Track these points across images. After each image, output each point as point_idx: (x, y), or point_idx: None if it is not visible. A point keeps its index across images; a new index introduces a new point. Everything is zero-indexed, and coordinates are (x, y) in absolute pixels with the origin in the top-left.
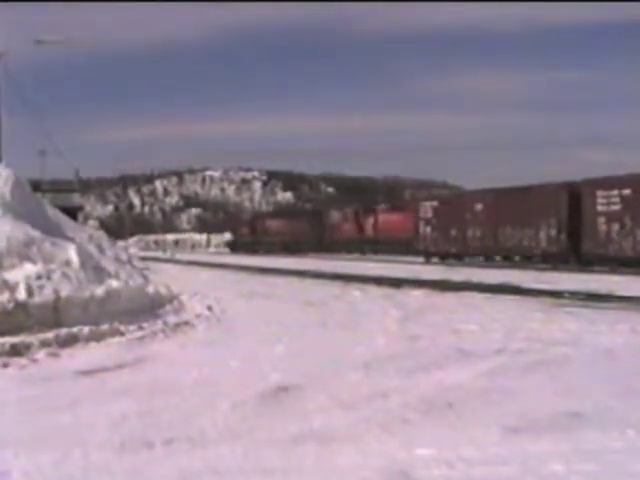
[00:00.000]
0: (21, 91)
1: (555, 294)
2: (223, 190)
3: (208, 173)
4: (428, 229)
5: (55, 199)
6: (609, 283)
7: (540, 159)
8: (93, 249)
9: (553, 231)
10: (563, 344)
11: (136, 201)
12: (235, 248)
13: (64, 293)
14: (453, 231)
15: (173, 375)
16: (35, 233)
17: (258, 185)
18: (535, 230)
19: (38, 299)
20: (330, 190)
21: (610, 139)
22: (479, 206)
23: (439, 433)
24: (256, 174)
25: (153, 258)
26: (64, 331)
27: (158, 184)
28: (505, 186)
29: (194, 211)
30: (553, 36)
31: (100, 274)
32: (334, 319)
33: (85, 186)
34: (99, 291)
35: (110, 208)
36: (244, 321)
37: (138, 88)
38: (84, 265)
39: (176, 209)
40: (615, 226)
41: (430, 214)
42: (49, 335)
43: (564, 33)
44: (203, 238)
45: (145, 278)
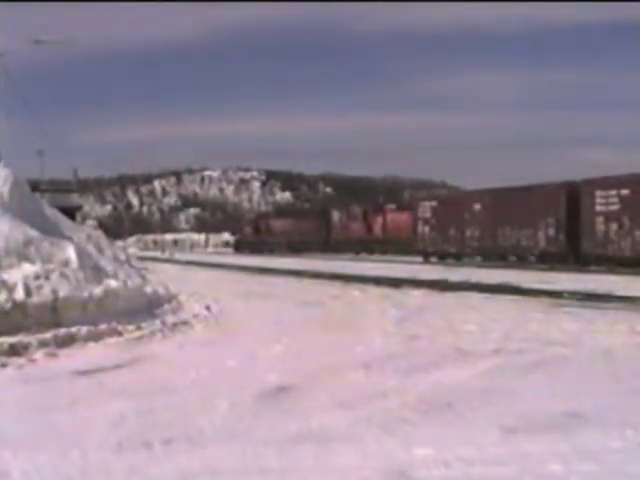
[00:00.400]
0: (20, 91)
1: (554, 294)
2: (222, 190)
3: (207, 173)
4: (427, 229)
5: (53, 199)
6: (608, 283)
7: (539, 159)
8: (92, 249)
9: (552, 231)
10: (562, 344)
11: (134, 201)
12: (239, 248)
13: (62, 293)
14: (452, 231)
15: (171, 375)
16: (33, 233)
17: (257, 185)
18: (534, 230)
19: (36, 299)
20: (329, 190)
21: (610, 139)
22: (478, 206)
23: (438, 433)
24: (255, 174)
25: (151, 258)
26: (62, 331)
27: (157, 184)
28: (504, 186)
29: (193, 211)
30: (553, 36)
31: (98, 274)
32: (333, 319)
33: (83, 186)
34: (97, 291)
35: (108, 208)
36: (242, 321)
37: (137, 88)
38: (82, 265)
39: (174, 209)
40: (614, 226)
41: (429, 214)
42: (47, 335)
43: (564, 33)
44: (202, 238)
45: (143, 278)
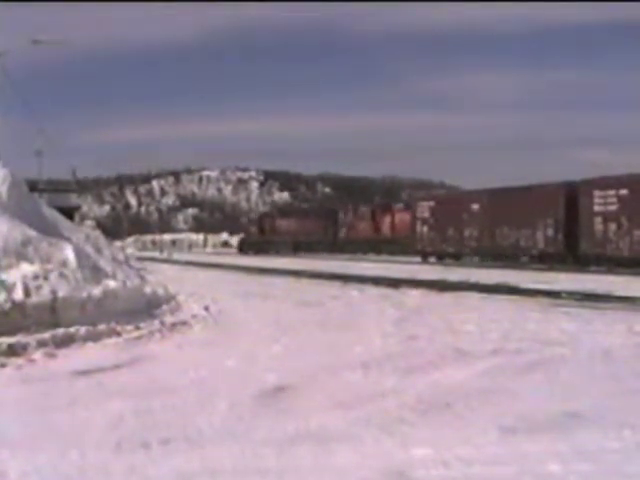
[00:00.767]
0: (19, 91)
1: (552, 294)
2: (220, 190)
3: (205, 173)
4: (425, 229)
5: (52, 199)
6: (606, 283)
7: (539, 159)
8: (90, 249)
9: (550, 231)
10: (560, 344)
11: (133, 201)
12: (243, 249)
13: (61, 293)
14: (450, 231)
15: (170, 375)
16: (32, 233)
17: (255, 185)
18: (532, 230)
19: (35, 299)
20: (327, 190)
21: (609, 139)
22: (476, 206)
23: (436, 433)
24: (253, 174)
25: (150, 258)
26: (61, 331)
27: (155, 184)
28: (502, 186)
29: (191, 211)
30: (553, 36)
31: (97, 274)
32: (332, 319)
33: (82, 186)
34: (96, 291)
35: (107, 208)
36: (241, 321)
37: (135, 88)
38: (81, 265)
39: (173, 209)
40: (612, 226)
41: (427, 214)
42: (46, 335)
43: (564, 33)
44: (200, 238)
45: (142, 278)
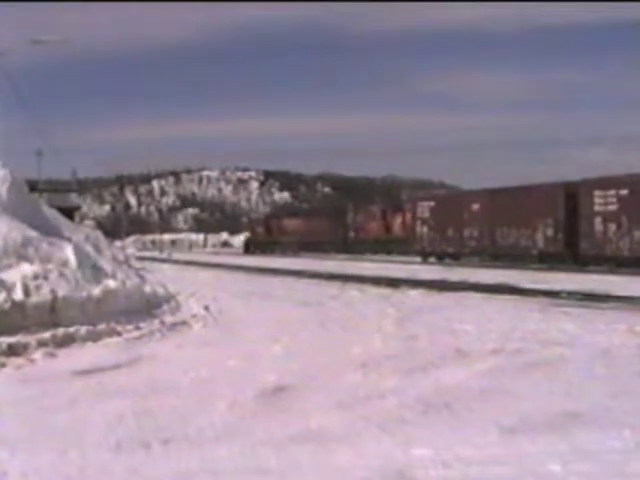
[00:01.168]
0: (18, 91)
1: (552, 294)
2: (220, 190)
3: (205, 173)
4: (425, 229)
5: (52, 199)
6: (606, 283)
7: (539, 159)
8: (90, 249)
9: (550, 231)
10: (560, 344)
11: (133, 201)
12: (249, 249)
13: (61, 293)
14: (450, 231)
15: (170, 375)
16: (32, 233)
17: (255, 185)
18: (532, 230)
19: (35, 299)
20: (327, 190)
21: (609, 139)
22: (476, 206)
23: (436, 433)
24: (253, 174)
25: (150, 258)
26: (61, 331)
27: (155, 184)
28: (502, 186)
29: (191, 211)
30: (553, 36)
31: (97, 274)
32: (332, 319)
33: (82, 186)
34: (96, 291)
35: (107, 208)
36: (241, 321)
37: (135, 88)
38: (81, 265)
39: (173, 209)
40: (612, 226)
41: (427, 214)
42: (46, 335)
43: (563, 33)
44: (200, 238)
45: (142, 278)
